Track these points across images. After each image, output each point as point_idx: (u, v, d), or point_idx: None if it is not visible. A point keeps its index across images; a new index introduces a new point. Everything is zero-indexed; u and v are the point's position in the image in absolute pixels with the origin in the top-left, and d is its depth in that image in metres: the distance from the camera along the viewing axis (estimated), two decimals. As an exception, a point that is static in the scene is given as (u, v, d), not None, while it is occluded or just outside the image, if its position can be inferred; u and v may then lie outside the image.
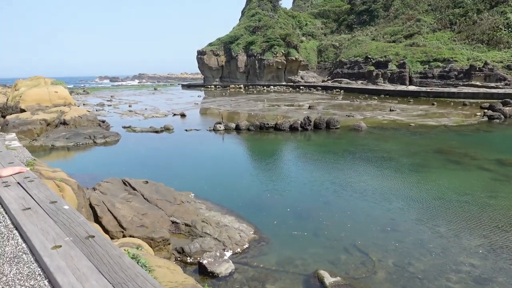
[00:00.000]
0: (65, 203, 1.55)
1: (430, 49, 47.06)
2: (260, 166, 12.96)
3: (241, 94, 48.98)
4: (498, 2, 47.68)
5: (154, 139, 17.35)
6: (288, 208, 8.32)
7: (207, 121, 23.31)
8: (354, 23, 72.40)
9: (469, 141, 15.90)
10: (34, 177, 2.05)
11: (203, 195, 9.26)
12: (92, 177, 10.63)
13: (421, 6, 59.20)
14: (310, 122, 19.05)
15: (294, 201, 8.79)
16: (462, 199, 8.66)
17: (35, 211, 1.49)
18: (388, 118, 22.86)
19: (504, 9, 46.24)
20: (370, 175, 10.89)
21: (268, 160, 13.55)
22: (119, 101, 40.01)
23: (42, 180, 2.03)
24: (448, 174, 10.87)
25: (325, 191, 9.49)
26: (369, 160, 12.68)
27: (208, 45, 73.21)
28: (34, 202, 1.60)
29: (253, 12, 75.71)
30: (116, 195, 8.00)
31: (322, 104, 32.20)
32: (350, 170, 11.53)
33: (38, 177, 2.04)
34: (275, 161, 13.54)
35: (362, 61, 54.11)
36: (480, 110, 25.15)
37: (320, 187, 9.82)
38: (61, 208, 1.51)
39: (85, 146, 15.82)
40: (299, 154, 14.34)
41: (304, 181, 10.45)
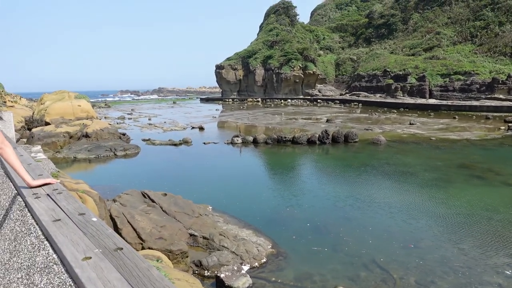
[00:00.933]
0: (93, 215, 1.60)
1: (451, 62, 46.35)
2: (277, 179, 12.92)
3: (259, 108, 49.26)
4: (521, 14, 46.77)
5: (172, 152, 17.58)
6: (306, 222, 8.24)
7: (225, 134, 23.49)
8: (372, 36, 72.24)
9: (493, 155, 15.45)
10: (62, 189, 2.12)
11: (221, 208, 9.28)
12: (112, 189, 10.82)
13: (441, 19, 58.65)
14: (328, 135, 18.94)
15: (312, 215, 8.70)
16: (486, 215, 8.38)
17: (65, 223, 1.54)
18: (408, 131, 22.51)
19: (527, 21, 45.27)
20: (391, 190, 10.70)
21: (285, 174, 13.50)
22: (139, 114, 40.86)
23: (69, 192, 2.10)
24: (472, 189, 10.56)
25: (344, 205, 9.36)
26: (389, 175, 12.47)
27: (226, 60, 74.29)
28: (63, 214, 1.66)
29: (271, 27, 76.64)
30: (135, 207, 8.11)
31: (340, 118, 32.01)
32: (369, 184, 11.36)
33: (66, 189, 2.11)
34: (293, 175, 13.48)
35: (380, 74, 53.73)
36: (504, 124, 24.46)
37: (339, 201, 9.70)
38: (89, 220, 1.55)
39: (106, 158, 16.16)
40: (317, 168, 14.24)
41: (322, 195, 10.35)
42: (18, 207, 2.08)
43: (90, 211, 1.66)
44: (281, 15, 79.18)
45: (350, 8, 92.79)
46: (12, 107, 23.23)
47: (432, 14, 61.79)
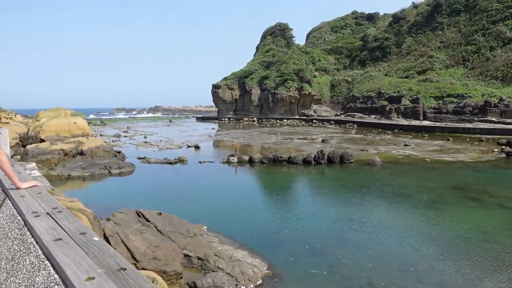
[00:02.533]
0: (95, 235, 1.60)
1: (444, 85, 47.20)
2: (273, 199, 12.87)
3: (255, 127, 49.48)
4: (511, 39, 48.10)
5: (168, 171, 17.50)
6: (303, 243, 8.17)
7: (220, 153, 23.49)
8: (367, 59, 73.62)
9: (487, 177, 15.56)
10: (62, 207, 2.11)
11: (216, 228, 9.19)
12: (106, 208, 10.71)
13: (433, 43, 60.07)
14: (324, 155, 19.01)
15: (309, 236, 8.64)
16: (482, 238, 8.38)
17: (66, 242, 1.53)
18: (403, 153, 22.66)
19: (517, 46, 46.50)
20: (387, 212, 10.69)
21: (281, 194, 13.46)
22: (135, 132, 40.83)
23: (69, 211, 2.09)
24: (467, 211, 10.59)
25: (341, 227, 9.31)
26: (385, 196, 12.48)
27: (223, 79, 75.09)
28: (64, 233, 1.65)
29: (267, 48, 77.94)
30: (129, 226, 8.01)
31: (335, 138, 32.21)
32: (366, 205, 11.35)
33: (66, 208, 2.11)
34: (289, 195, 13.44)
35: (375, 96, 54.48)
36: (497, 146, 24.73)
37: (336, 222, 9.66)
38: (91, 239, 1.55)
39: (100, 176, 16.04)
40: (313, 188, 14.22)
41: (319, 216, 10.30)
42: (17, 226, 2.06)
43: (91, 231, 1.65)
44: (277, 37, 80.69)
45: (345, 31, 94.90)
46: (7, 124, 23.13)
47: (425, 38, 63.32)
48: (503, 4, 53.70)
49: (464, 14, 59.51)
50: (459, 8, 61.01)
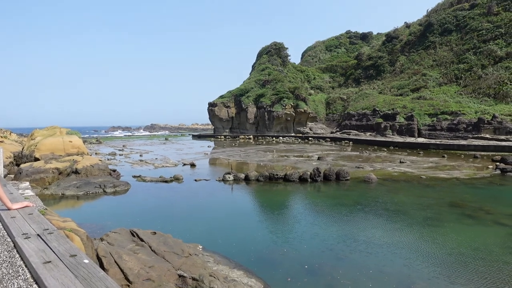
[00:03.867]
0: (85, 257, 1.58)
1: (437, 102, 47.81)
2: (270, 218, 12.77)
3: (251, 145, 49.53)
4: (502, 58, 49.10)
5: (163, 189, 17.39)
6: (300, 263, 8.07)
7: (216, 171, 23.42)
8: (361, 77, 74.67)
9: (483, 194, 15.58)
10: (53, 229, 2.09)
11: (212, 247, 9.08)
12: (100, 227, 10.58)
13: (426, 62, 61.15)
14: (320, 173, 19.01)
15: (306, 255, 8.55)
16: (479, 255, 8.33)
17: (55, 265, 1.51)
18: (399, 170, 22.71)
19: (509, 64, 47.47)
20: (384, 230, 10.63)
21: (277, 212, 13.37)
22: (131, 150, 40.71)
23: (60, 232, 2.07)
24: (464, 229, 10.56)
25: (339, 245, 9.23)
26: (382, 214, 12.44)
27: (219, 98, 75.62)
28: (54, 256, 1.63)
29: (263, 67, 78.93)
30: (123, 246, 7.90)
31: (331, 155, 32.27)
32: (363, 223, 11.29)
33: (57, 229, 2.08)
34: (286, 213, 13.35)
35: (370, 113, 54.97)
36: (492, 163, 24.88)
37: (333, 241, 9.58)
38: (81, 262, 1.53)
39: (94, 195, 15.89)
40: (309, 206, 14.15)
41: (316, 234, 10.21)
42: (6, 248, 2.03)
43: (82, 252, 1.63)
44: (273, 56, 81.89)
45: (339, 50, 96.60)
46: (1, 142, 23.01)
47: (418, 57, 64.48)
48: (492, 24, 55.07)
49: (456, 33, 60.87)
50: (450, 27, 62.46)
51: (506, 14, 54.68)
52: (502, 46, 50.99)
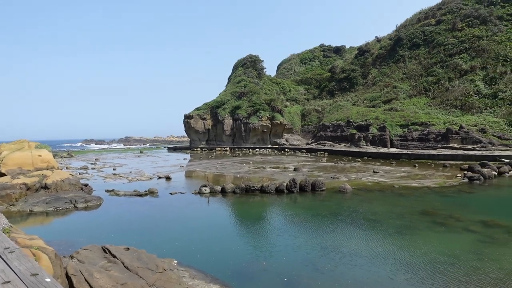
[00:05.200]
0: (47, 275, 1.51)
1: (408, 114, 49.42)
2: (246, 230, 12.70)
3: (227, 157, 49.37)
4: (467, 71, 51.52)
5: (137, 203, 16.99)
6: (278, 275, 8.04)
7: (192, 184, 23.14)
8: (335, 89, 76.40)
9: (453, 202, 16.11)
10: (15, 247, 2.00)
11: (187, 261, 8.91)
12: (70, 244, 10.20)
13: (397, 75, 63.34)
14: (296, 184, 19.13)
15: (285, 268, 8.52)
16: (450, 261, 8.57)
17: (15, 285, 1.45)
18: (372, 180, 23.18)
19: (473, 77, 49.85)
20: (359, 239, 10.77)
21: (255, 224, 13.31)
22: (104, 164, 39.68)
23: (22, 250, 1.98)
24: (435, 236, 10.85)
25: (316, 256, 9.27)
26: (356, 223, 12.61)
27: (195, 110, 75.24)
28: (14, 275, 1.56)
29: (239, 79, 79.41)
30: (94, 264, 7.63)
31: (307, 166, 32.59)
32: (339, 233, 11.40)
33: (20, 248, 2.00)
34: (262, 225, 13.31)
35: (344, 124, 56.11)
36: (460, 171, 25.83)
37: (311, 252, 9.60)
38: (42, 281, 1.47)
39: (65, 211, 15.33)
40: (286, 218, 14.17)
41: (294, 246, 10.21)
42: (-37, 269, 1.92)
43: (44, 271, 1.57)
44: (248, 68, 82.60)
45: (314, 63, 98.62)
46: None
47: (388, 70, 66.69)
48: (457, 39, 57.86)
49: (424, 47, 63.51)
50: (419, 42, 65.14)
51: (469, 30, 57.64)
52: (466, 60, 53.57)
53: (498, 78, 47.48)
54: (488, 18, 56.97)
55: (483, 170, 23.92)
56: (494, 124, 41.14)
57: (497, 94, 45.57)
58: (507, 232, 11.03)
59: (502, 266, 8.26)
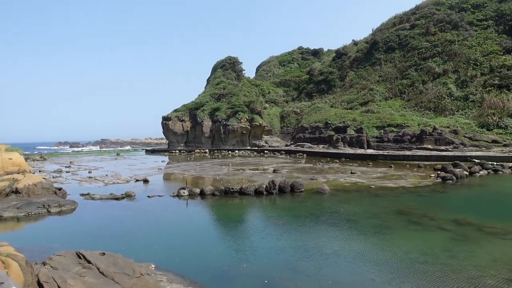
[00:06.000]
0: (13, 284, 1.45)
1: (384, 115, 50.52)
2: (226, 233, 12.63)
3: (206, 159, 49.04)
4: (440, 74, 53.18)
5: (114, 207, 16.62)
6: (258, 278, 8.02)
7: (170, 186, 22.84)
8: (313, 91, 77.28)
9: (427, 202, 16.54)
10: (-21, 255, 1.90)
11: (165, 265, 8.77)
12: (43, 250, 9.86)
13: (373, 77, 64.68)
14: (275, 186, 19.20)
15: (265, 270, 8.51)
16: (425, 260, 8.79)
17: (-23, 296, 1.37)
18: (350, 180, 23.54)
19: (445, 80, 51.49)
20: (337, 239, 10.89)
21: (234, 227, 13.26)
22: (79, 167, 38.63)
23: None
24: (410, 235, 11.11)
25: (297, 257, 9.30)
26: (334, 224, 12.76)
27: (174, 111, 74.41)
28: (-23, 285, 1.48)
29: (218, 81, 79.13)
30: (68, 270, 7.39)
31: (286, 168, 32.78)
32: (318, 234, 11.50)
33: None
34: (242, 227, 13.27)
35: (322, 126, 56.79)
36: (434, 172, 26.57)
37: (291, 253, 9.64)
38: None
39: (37, 216, 14.82)
40: (265, 219, 14.19)
41: (274, 247, 10.21)
42: None
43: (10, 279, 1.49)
44: (227, 70, 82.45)
45: (292, 65, 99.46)
46: None
47: (365, 73, 68.03)
48: (430, 43, 59.67)
49: (399, 51, 65.15)
50: (394, 45, 66.77)
51: (442, 34, 59.56)
52: (439, 63, 55.31)
53: (469, 81, 49.24)
54: (459, 24, 59.07)
55: (455, 170, 24.71)
56: (465, 126, 42.61)
57: (468, 97, 47.24)
58: (478, 230, 11.42)
59: (474, 263, 8.54)
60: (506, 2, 57.28)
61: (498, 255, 9.06)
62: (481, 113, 43.51)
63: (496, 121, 41.19)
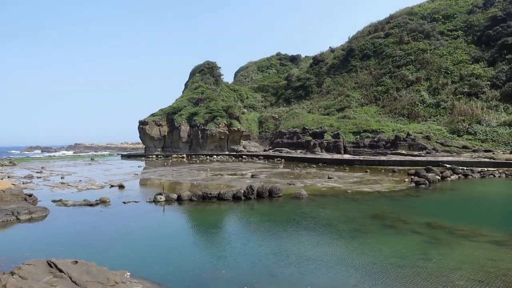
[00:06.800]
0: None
1: (360, 121, 51.59)
2: (204, 239, 12.51)
3: (184, 164, 48.52)
4: (413, 82, 54.89)
5: (88, 213, 16.16)
6: (237, 284, 7.97)
7: (147, 192, 22.45)
8: (291, 97, 78.06)
9: (401, 206, 16.96)
10: None
11: (141, 273, 8.59)
12: (12, 260, 9.46)
13: (349, 84, 66.03)
14: (253, 191, 19.20)
15: (244, 276, 8.47)
16: (398, 263, 8.99)
17: None
18: (327, 185, 23.84)
19: (418, 87, 53.20)
20: (314, 244, 10.99)
21: (213, 232, 13.16)
22: (51, 172, 37.39)
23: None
24: (385, 238, 11.34)
25: (276, 262, 9.31)
26: (312, 228, 12.87)
27: (151, 116, 73.35)
28: None
29: (196, 85, 78.66)
30: (38, 280, 7.12)
31: (264, 173, 32.86)
32: (296, 239, 11.56)
33: None
34: (221, 233, 13.18)
35: (300, 131, 57.37)
36: (407, 176, 27.29)
37: (270, 258, 9.63)
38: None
39: (5, 224, 14.21)
40: (244, 225, 14.16)
41: (253, 253, 10.18)
42: None
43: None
44: (206, 75, 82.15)
45: (271, 71, 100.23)
46: None
47: (341, 79, 69.35)
48: (404, 52, 61.56)
49: (374, 58, 66.85)
50: (369, 53, 68.48)
51: (415, 43, 61.58)
52: (412, 71, 57.11)
53: (440, 89, 51.07)
54: (431, 33, 61.25)
55: (428, 175, 25.48)
56: (437, 132, 44.08)
57: (439, 104, 48.97)
58: (449, 233, 11.79)
59: (446, 265, 8.81)
60: (474, 13, 59.91)
61: (468, 257, 9.39)
62: (452, 119, 45.16)
63: (466, 127, 42.83)
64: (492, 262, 8.97)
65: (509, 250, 9.91)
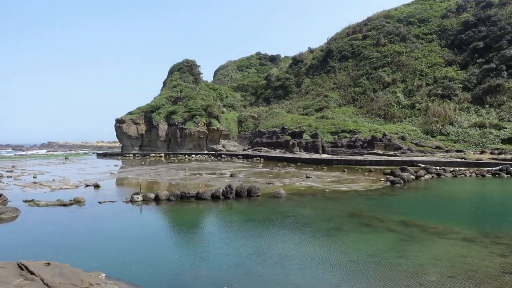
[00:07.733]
0: None
1: (338, 122, 52.37)
2: (183, 239, 12.39)
3: (162, 163, 47.89)
4: (389, 83, 56.17)
5: (61, 214, 15.69)
6: (217, 284, 7.92)
7: (123, 192, 22.02)
8: (271, 96, 78.36)
9: (377, 204, 17.32)
10: None
11: (117, 274, 8.41)
12: (-21, 262, 9.05)
13: (328, 84, 66.88)
14: (232, 190, 19.16)
15: (223, 275, 8.42)
16: (374, 260, 9.18)
17: None
18: (305, 184, 24.07)
19: (394, 89, 54.50)
20: (292, 242, 11.07)
21: (191, 233, 13.03)
22: (22, 171, 36.09)
23: None
24: (361, 236, 11.56)
25: (255, 262, 9.31)
26: (290, 227, 12.97)
27: (128, 114, 71.95)
28: None
29: (175, 84, 77.72)
30: (8, 283, 6.87)
31: (243, 172, 32.85)
32: (275, 238, 11.62)
33: None
34: (200, 233, 13.08)
35: (279, 131, 57.67)
36: (383, 176, 27.91)
37: (250, 258, 9.62)
38: None
39: (-27, 225, 13.62)
40: (223, 224, 14.11)
41: (233, 253, 10.14)
42: None
43: None
44: (185, 73, 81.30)
45: (250, 70, 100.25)
46: None
47: (320, 80, 70.15)
48: (381, 54, 62.92)
49: (352, 60, 67.96)
50: (347, 54, 69.58)
51: (391, 46, 63.04)
52: (388, 73, 58.45)
53: (415, 90, 52.51)
54: (407, 36, 62.83)
55: (403, 174, 26.15)
56: (412, 132, 45.31)
57: (414, 105, 50.35)
58: (423, 230, 12.14)
59: (420, 261, 9.07)
60: (448, 18, 61.88)
61: (440, 253, 9.69)
62: (426, 120, 46.51)
63: (439, 128, 44.22)
64: (463, 258, 9.29)
65: (478, 247, 10.30)
